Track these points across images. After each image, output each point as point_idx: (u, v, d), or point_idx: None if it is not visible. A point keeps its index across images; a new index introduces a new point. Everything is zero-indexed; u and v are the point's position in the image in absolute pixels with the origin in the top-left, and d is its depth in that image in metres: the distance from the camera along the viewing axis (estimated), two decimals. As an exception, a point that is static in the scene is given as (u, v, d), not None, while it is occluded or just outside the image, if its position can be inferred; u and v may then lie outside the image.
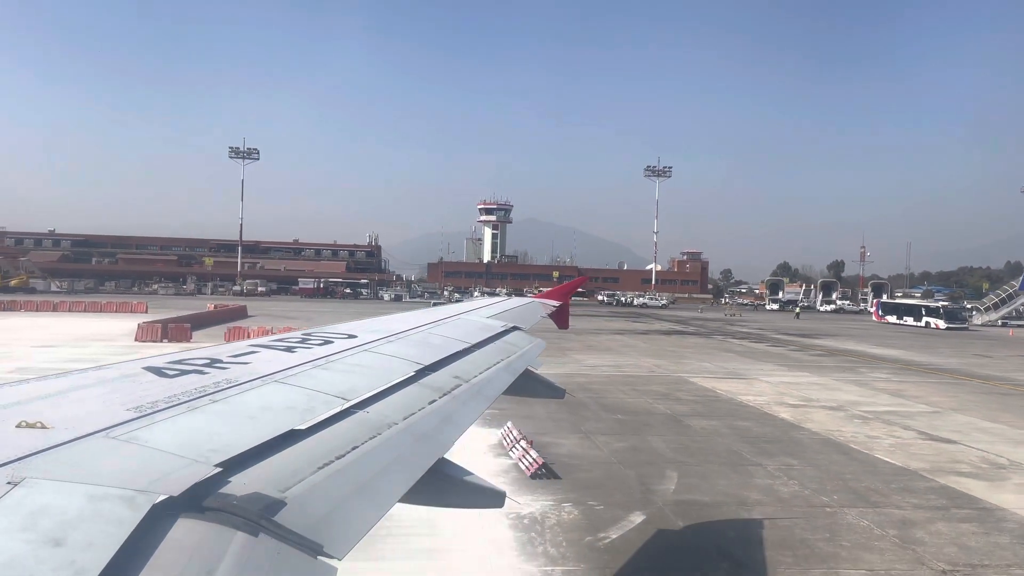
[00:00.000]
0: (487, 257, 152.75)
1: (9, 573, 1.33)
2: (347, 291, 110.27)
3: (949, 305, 79.03)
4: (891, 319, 79.86)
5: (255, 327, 40.17)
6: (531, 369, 5.54)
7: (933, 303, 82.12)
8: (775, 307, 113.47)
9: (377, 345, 4.36)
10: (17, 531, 1.47)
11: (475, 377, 4.17)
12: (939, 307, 76.40)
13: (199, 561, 1.59)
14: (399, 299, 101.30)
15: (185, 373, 2.99)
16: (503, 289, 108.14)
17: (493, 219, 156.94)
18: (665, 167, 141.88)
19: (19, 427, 2.03)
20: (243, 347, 3.83)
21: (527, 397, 6.47)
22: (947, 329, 69.71)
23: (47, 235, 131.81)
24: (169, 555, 1.57)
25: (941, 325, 71.10)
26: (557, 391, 6.24)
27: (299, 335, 4.44)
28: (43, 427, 2.05)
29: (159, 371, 2.97)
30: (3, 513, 1.52)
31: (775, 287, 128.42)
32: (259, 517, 1.81)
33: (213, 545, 1.66)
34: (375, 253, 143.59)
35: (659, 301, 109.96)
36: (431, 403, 3.35)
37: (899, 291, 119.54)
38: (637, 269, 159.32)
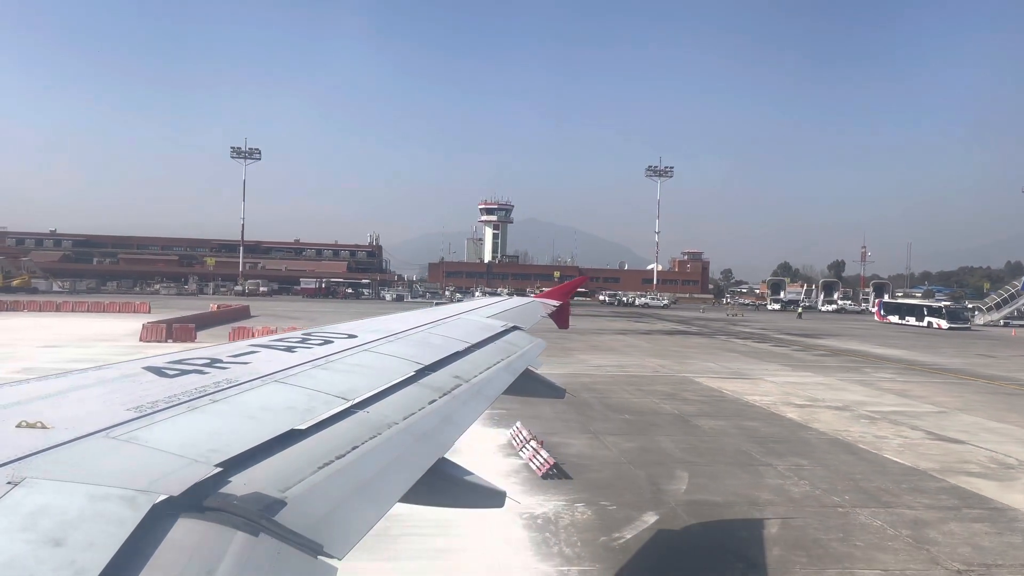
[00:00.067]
0: (488, 257, 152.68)
1: (9, 573, 1.33)
2: (349, 291, 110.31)
3: (951, 305, 79.02)
4: (893, 319, 79.87)
5: (259, 327, 40.16)
6: (531, 369, 5.52)
7: (935, 303, 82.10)
8: (777, 307, 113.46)
9: (377, 345, 4.35)
10: (17, 531, 1.46)
11: (475, 377, 4.17)
12: (941, 307, 76.39)
13: (199, 561, 1.59)
14: (401, 299, 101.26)
15: (185, 373, 2.98)
16: (504, 289, 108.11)
17: (494, 219, 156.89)
18: (667, 167, 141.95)
19: (19, 427, 2.03)
20: (243, 347, 3.82)
21: (531, 397, 6.45)
22: (949, 329, 69.69)
23: (48, 235, 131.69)
24: (169, 555, 1.58)
25: (943, 325, 71.09)
26: (557, 391, 6.22)
27: (299, 335, 4.43)
28: (43, 427, 2.04)
29: (159, 371, 2.96)
30: (3, 513, 1.52)
31: (777, 287, 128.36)
32: (259, 517, 1.81)
33: (213, 545, 1.66)
34: (376, 253, 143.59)
35: (661, 301, 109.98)
36: (431, 403, 3.35)
37: (900, 291, 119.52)
38: (638, 269, 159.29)
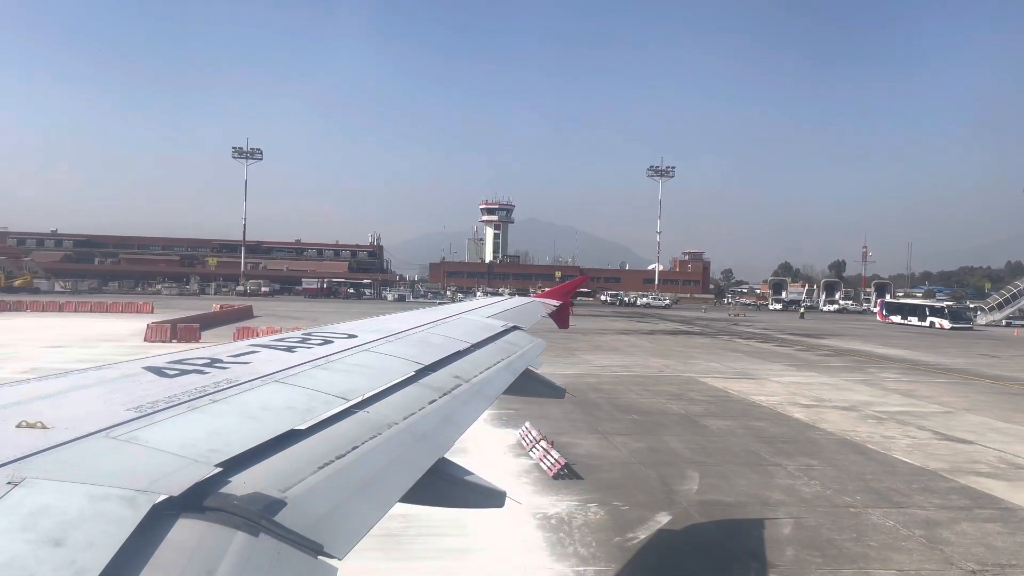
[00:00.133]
0: (489, 257, 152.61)
1: (9, 573, 1.32)
2: (350, 291, 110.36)
3: (953, 305, 78.97)
4: (895, 319, 79.90)
5: (263, 327, 40.17)
6: (531, 369, 5.52)
7: (938, 303, 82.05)
8: (778, 307, 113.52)
9: (377, 345, 4.34)
10: (17, 531, 1.46)
11: (475, 377, 4.16)
12: (943, 307, 76.36)
13: (199, 561, 1.59)
14: (402, 299, 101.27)
15: (185, 373, 2.97)
16: (506, 289, 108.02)
17: (495, 219, 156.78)
18: (668, 167, 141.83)
19: (19, 427, 2.03)
20: (243, 347, 3.81)
21: (533, 397, 6.43)
22: (952, 329, 69.69)
23: (49, 235, 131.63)
24: (169, 555, 1.57)
25: (946, 325, 71.09)
26: (558, 391, 6.21)
27: (299, 335, 4.43)
28: (43, 427, 2.04)
29: (159, 371, 2.95)
30: (3, 513, 1.52)
31: (778, 287, 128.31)
32: (259, 517, 1.80)
33: (213, 545, 1.65)
34: (377, 253, 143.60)
35: (662, 301, 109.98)
36: (431, 403, 3.34)
37: (900, 291, 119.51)
38: (639, 269, 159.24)
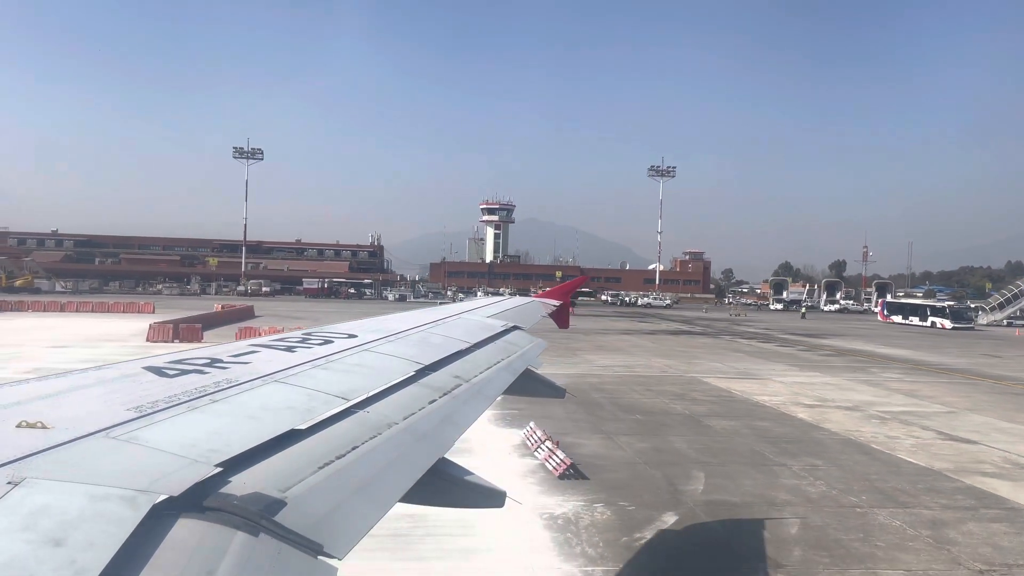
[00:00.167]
0: (489, 257, 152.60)
1: (10, 573, 1.32)
2: (351, 291, 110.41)
3: (955, 305, 78.90)
4: (897, 319, 79.88)
5: (265, 327, 40.17)
6: (531, 369, 5.52)
7: (939, 303, 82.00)
8: (779, 307, 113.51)
9: (377, 345, 4.35)
10: (18, 531, 1.46)
11: (475, 377, 4.15)
12: (945, 307, 76.33)
13: (199, 561, 1.59)
14: (403, 299, 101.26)
15: (185, 373, 2.97)
16: (507, 289, 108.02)
17: (495, 219, 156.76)
18: (669, 167, 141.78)
19: (19, 427, 2.03)
20: (243, 347, 3.81)
21: (533, 397, 6.43)
22: (953, 329, 69.68)
23: (50, 235, 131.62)
24: (169, 555, 1.57)
25: (947, 325, 71.09)
26: (558, 390, 6.22)
27: (299, 335, 4.43)
28: (43, 427, 2.04)
29: (159, 371, 2.95)
30: (3, 513, 1.52)
31: (779, 287, 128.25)
32: (259, 517, 1.80)
33: (213, 545, 1.65)
34: (378, 253, 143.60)
35: (663, 301, 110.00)
36: (431, 403, 3.34)
37: (901, 291, 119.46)
38: (639, 269, 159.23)
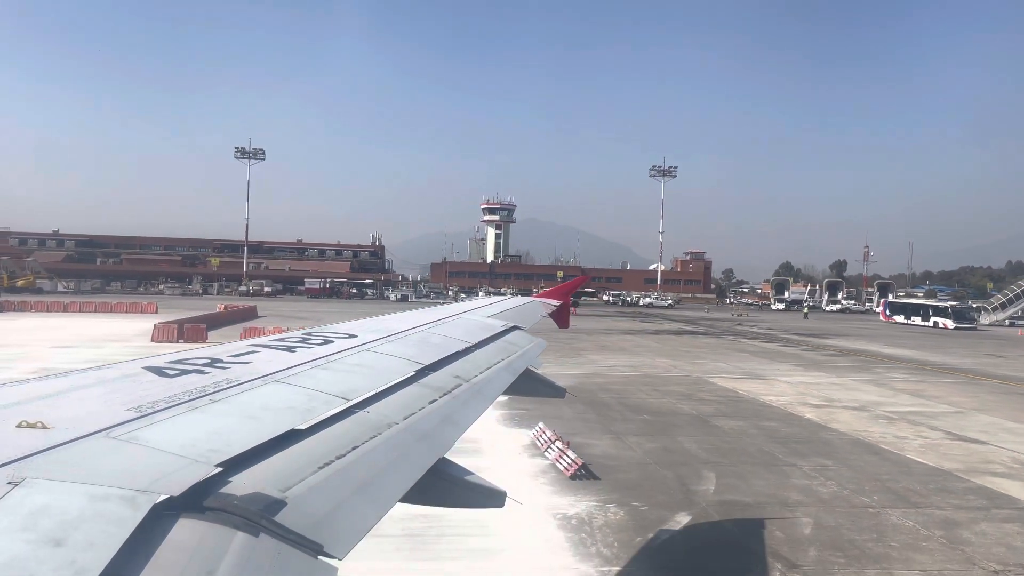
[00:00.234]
0: (490, 257, 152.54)
1: (10, 573, 1.32)
2: (353, 291, 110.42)
3: (957, 305, 78.83)
4: (899, 319, 79.81)
5: (270, 327, 40.17)
6: (532, 368, 5.51)
7: (941, 303, 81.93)
8: (781, 307, 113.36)
9: (377, 345, 4.34)
10: (18, 531, 1.46)
11: (475, 377, 4.14)
12: (947, 307, 76.26)
13: (199, 561, 1.59)
14: (405, 299, 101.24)
15: (185, 373, 2.96)
16: (508, 289, 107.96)
17: (496, 219, 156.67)
18: (671, 167, 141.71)
19: (19, 427, 2.02)
20: (243, 347, 3.80)
21: (533, 397, 6.42)
22: (956, 329, 69.63)
23: (51, 235, 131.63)
24: (170, 555, 1.57)
25: (949, 325, 71.04)
26: (558, 390, 6.23)
27: (299, 335, 4.43)
28: (43, 427, 2.03)
29: (159, 371, 2.95)
30: (4, 513, 1.52)
31: (781, 287, 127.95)
32: (259, 517, 1.80)
33: (213, 545, 1.65)
34: (379, 253, 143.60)
35: (665, 301, 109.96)
36: (431, 403, 3.34)
37: (901, 291, 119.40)
38: (640, 269, 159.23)
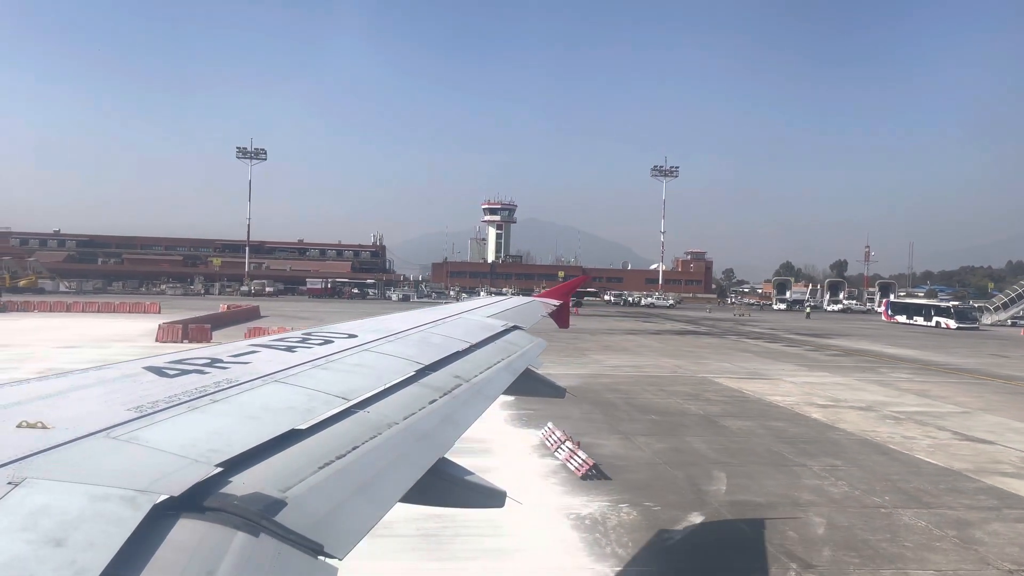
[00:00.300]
0: (491, 257, 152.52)
1: (10, 573, 1.32)
2: (354, 291, 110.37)
3: (960, 305, 78.84)
4: (901, 319, 79.82)
5: (274, 327, 40.20)
6: (532, 368, 5.52)
7: (943, 303, 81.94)
8: (782, 307, 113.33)
9: (377, 345, 4.34)
10: (18, 531, 1.46)
11: (475, 377, 4.14)
12: (949, 307, 76.28)
13: (200, 561, 1.59)
14: (407, 299, 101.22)
15: (185, 373, 2.96)
16: (509, 289, 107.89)
17: (497, 219, 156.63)
18: (672, 167, 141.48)
19: (19, 427, 2.02)
20: (244, 347, 3.80)
21: (533, 396, 6.43)
22: (958, 329, 69.66)
23: (52, 235, 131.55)
24: (170, 555, 1.57)
25: (952, 325, 71.06)
26: (558, 390, 6.23)
27: (299, 335, 4.43)
28: (43, 427, 2.03)
29: (159, 371, 2.95)
30: (4, 513, 1.51)
31: (782, 287, 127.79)
32: (260, 517, 1.80)
33: (214, 545, 1.65)
34: (380, 253, 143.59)
35: (666, 301, 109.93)
36: (431, 403, 3.34)
37: (902, 291, 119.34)
38: (641, 269, 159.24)
